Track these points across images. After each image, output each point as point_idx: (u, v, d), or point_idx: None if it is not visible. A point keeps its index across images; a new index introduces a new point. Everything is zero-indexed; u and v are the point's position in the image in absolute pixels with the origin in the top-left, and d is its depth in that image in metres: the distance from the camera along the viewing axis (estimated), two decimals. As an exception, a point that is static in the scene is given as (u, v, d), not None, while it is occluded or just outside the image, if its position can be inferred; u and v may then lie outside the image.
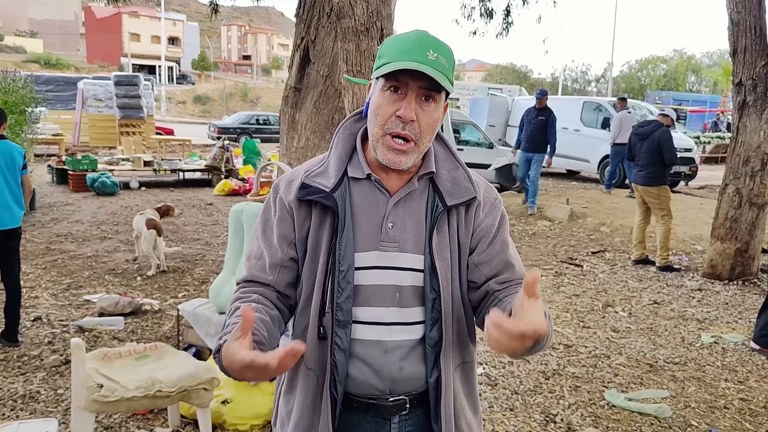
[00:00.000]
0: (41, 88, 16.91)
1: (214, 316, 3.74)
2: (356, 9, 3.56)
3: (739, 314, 5.44)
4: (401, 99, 1.24)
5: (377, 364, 1.29)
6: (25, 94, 10.46)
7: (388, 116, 1.25)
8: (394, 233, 1.30)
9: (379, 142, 1.27)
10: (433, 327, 1.30)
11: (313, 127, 4.15)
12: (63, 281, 5.73)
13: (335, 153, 1.35)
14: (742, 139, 6.39)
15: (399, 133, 1.24)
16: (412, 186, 1.33)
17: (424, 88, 1.24)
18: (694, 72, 61.89)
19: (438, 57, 1.23)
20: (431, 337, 1.30)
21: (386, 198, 1.31)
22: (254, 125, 25.24)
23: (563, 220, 9.46)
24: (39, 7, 73.04)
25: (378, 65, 1.28)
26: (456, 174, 1.36)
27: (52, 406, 3.39)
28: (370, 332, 1.29)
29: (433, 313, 1.29)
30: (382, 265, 1.29)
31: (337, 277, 1.27)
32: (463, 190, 1.33)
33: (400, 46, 1.24)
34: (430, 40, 1.25)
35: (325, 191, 1.29)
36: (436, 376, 1.31)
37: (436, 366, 1.31)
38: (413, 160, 1.29)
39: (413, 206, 1.33)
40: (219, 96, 52.10)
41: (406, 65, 1.20)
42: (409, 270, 1.30)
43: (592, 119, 14.86)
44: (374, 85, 1.31)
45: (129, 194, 11.27)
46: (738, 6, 6.24)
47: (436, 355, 1.31)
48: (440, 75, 1.22)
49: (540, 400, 3.68)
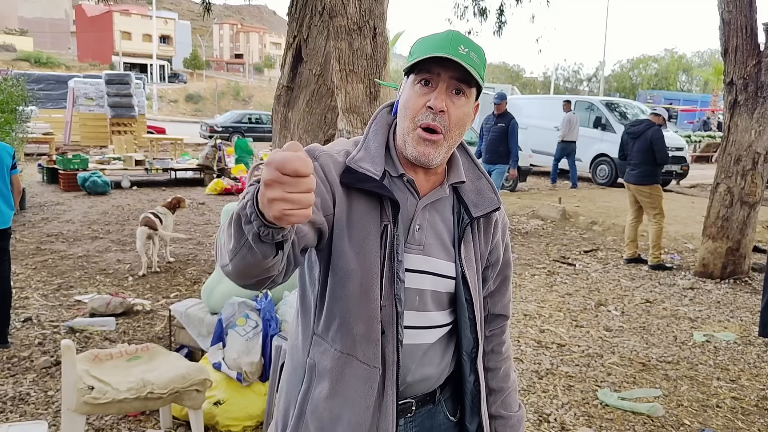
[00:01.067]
0: (31, 86, 16.76)
1: (207, 316, 3.71)
2: (349, 8, 3.55)
3: (730, 313, 5.46)
4: (432, 91, 1.23)
5: (422, 368, 1.31)
6: (15, 93, 10.38)
7: (419, 108, 1.23)
8: (420, 236, 1.29)
9: (410, 136, 1.25)
10: (468, 331, 1.33)
11: (306, 126, 4.14)
12: (53, 281, 5.69)
13: (376, 140, 1.30)
14: (734, 138, 6.42)
15: (429, 124, 1.22)
16: (443, 192, 1.32)
17: (455, 80, 1.23)
18: (685, 71, 62.24)
19: (469, 52, 1.22)
20: (466, 344, 1.34)
21: (416, 200, 1.30)
22: (246, 124, 25.18)
23: (555, 219, 9.49)
24: (29, 5, 72.47)
25: (408, 61, 1.27)
26: (480, 184, 1.36)
27: (42, 408, 3.36)
28: (412, 336, 1.29)
29: (466, 319, 1.33)
30: (408, 267, 1.27)
31: (396, 268, 1.23)
32: (488, 200, 1.35)
33: (431, 42, 1.24)
34: (462, 38, 1.24)
35: (375, 180, 1.23)
36: (473, 379, 1.35)
37: (473, 370, 1.35)
38: (442, 155, 1.26)
39: (440, 212, 1.33)
40: (211, 95, 51.93)
41: (437, 53, 1.20)
42: (433, 275, 1.29)
43: (584, 118, 14.90)
44: (404, 83, 1.30)
45: (120, 194, 11.21)
46: (729, 5, 6.27)
47: (473, 359, 1.34)
48: (471, 68, 1.21)
49: (533, 399, 3.68)
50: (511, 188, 12.56)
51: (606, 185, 13.84)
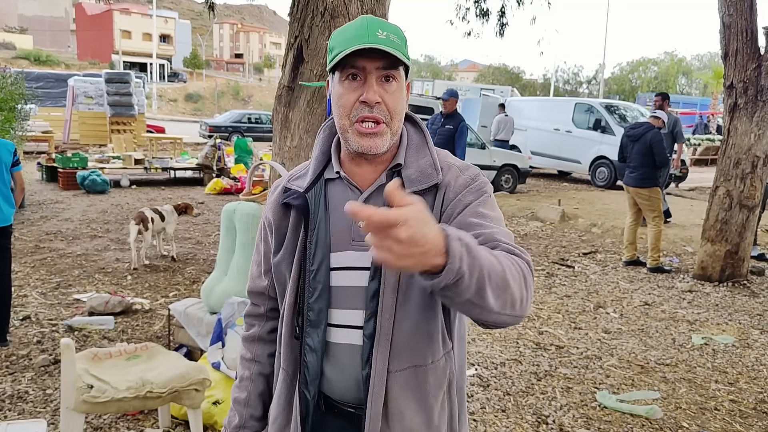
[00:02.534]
0: (31, 84, 16.79)
1: (206, 316, 3.72)
2: (351, 8, 3.56)
3: (729, 315, 5.47)
4: (361, 85, 1.21)
5: (352, 370, 1.27)
6: (14, 91, 10.37)
7: (352, 104, 1.22)
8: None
9: (349, 132, 1.24)
10: (368, 321, 1.23)
11: (306, 127, 4.14)
12: (52, 280, 5.68)
13: (314, 154, 1.35)
14: (733, 142, 6.43)
15: (367, 116, 1.21)
16: (381, 181, 1.28)
17: (383, 68, 1.21)
18: (685, 74, 62.31)
19: (388, 35, 1.20)
20: (366, 331, 1.24)
21: (356, 195, 1.28)
22: (246, 124, 25.16)
23: (555, 221, 9.49)
24: (29, 3, 72.40)
25: (330, 58, 1.24)
26: (422, 162, 1.29)
27: (40, 406, 3.36)
28: (343, 335, 1.27)
29: (371, 306, 1.23)
30: (356, 266, 1.26)
31: (307, 277, 1.27)
32: (425, 176, 1.26)
33: (348, 34, 1.21)
34: (377, 22, 1.22)
35: (298, 192, 1.29)
36: (367, 372, 1.24)
37: (368, 362, 1.23)
38: (388, 142, 1.25)
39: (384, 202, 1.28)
40: (210, 94, 51.91)
41: (359, 46, 1.17)
42: (361, 270, 1.26)
43: (583, 120, 14.93)
44: (331, 80, 1.27)
45: (119, 192, 11.20)
46: (730, 9, 6.27)
47: (369, 350, 1.23)
48: (395, 51, 1.18)
49: (532, 401, 3.68)
50: (510, 190, 12.58)
51: (605, 187, 13.86)
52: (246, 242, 3.62)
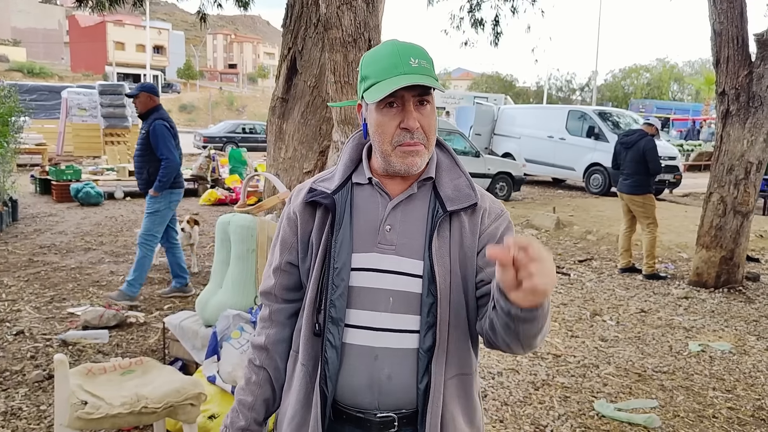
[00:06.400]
0: (24, 97, 16.72)
1: (201, 329, 3.69)
2: (344, 20, 3.56)
3: (725, 322, 5.47)
4: (399, 111, 1.29)
5: (366, 371, 1.28)
6: (8, 103, 10.33)
7: (393, 131, 1.30)
8: (392, 236, 1.32)
9: (392, 156, 1.31)
10: (428, 332, 1.29)
11: (301, 138, 4.14)
12: (46, 294, 5.64)
13: (342, 161, 1.41)
14: (726, 148, 6.46)
15: (409, 143, 1.29)
16: (412, 190, 1.35)
17: (418, 95, 1.28)
18: (677, 81, 62.64)
19: (420, 62, 1.28)
20: (425, 342, 1.29)
21: (386, 201, 1.34)
22: (240, 134, 25.17)
23: (550, 228, 9.50)
24: (22, 16, 72.38)
25: (366, 87, 1.31)
26: (458, 182, 1.38)
27: (34, 423, 3.33)
28: (360, 337, 1.29)
29: (429, 318, 1.29)
30: (379, 268, 1.30)
31: (331, 274, 1.30)
32: (464, 196, 1.35)
33: (380, 63, 1.29)
34: (407, 49, 1.29)
35: (326, 192, 1.35)
36: (426, 382, 1.29)
37: (427, 372, 1.29)
38: (425, 160, 1.33)
39: (414, 211, 1.34)
40: (204, 105, 51.90)
41: (401, 82, 1.24)
42: (405, 275, 1.30)
43: (577, 128, 14.99)
44: (365, 105, 1.35)
45: (113, 204, 11.16)
46: (720, 17, 6.32)
47: (428, 361, 1.29)
48: (430, 80, 1.26)
49: (530, 411, 3.66)
50: (505, 198, 12.60)
51: (599, 194, 13.90)
52: (241, 254, 3.60)
